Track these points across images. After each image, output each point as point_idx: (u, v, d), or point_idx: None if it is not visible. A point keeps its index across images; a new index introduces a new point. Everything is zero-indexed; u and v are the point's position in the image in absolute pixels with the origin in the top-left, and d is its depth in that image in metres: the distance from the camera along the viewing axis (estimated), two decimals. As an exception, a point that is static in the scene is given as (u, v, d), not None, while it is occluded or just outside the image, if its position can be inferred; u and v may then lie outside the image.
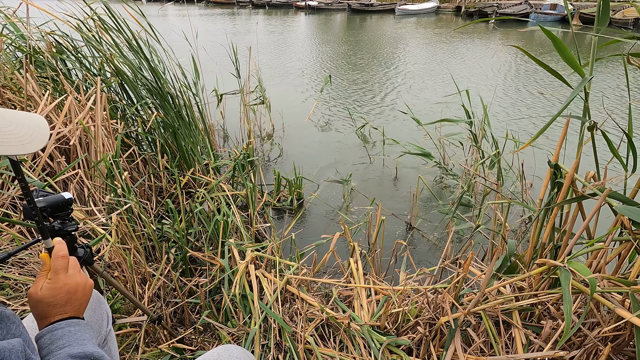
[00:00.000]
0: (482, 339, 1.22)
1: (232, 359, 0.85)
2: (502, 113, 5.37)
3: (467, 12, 23.27)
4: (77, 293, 0.64)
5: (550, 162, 1.21)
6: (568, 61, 1.02)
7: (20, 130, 0.43)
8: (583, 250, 1.03)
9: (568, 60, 1.02)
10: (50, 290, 0.62)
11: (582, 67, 1.03)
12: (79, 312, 0.65)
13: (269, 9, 30.09)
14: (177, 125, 2.55)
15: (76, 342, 0.59)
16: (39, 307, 0.61)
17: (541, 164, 3.23)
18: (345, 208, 3.01)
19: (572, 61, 1.01)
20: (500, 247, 1.67)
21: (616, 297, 1.05)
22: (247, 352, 0.91)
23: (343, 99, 6.08)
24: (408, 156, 3.65)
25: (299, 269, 1.71)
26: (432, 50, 11.05)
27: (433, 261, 2.42)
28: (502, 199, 2.18)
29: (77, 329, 0.61)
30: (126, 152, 2.44)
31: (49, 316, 0.61)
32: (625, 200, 1.01)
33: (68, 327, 0.60)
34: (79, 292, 0.65)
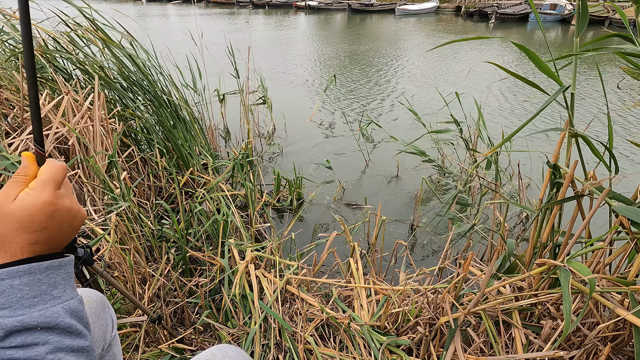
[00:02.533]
0: (482, 339, 1.22)
1: (226, 358, 0.84)
2: (500, 114, 5.37)
3: (467, 12, 23.28)
4: (62, 221, 0.46)
5: (550, 163, 1.21)
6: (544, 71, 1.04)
7: None
8: (583, 250, 1.03)
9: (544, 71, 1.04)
10: (28, 204, 0.43)
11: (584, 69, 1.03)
12: (54, 248, 0.46)
13: (268, 8, 30.08)
14: (173, 124, 2.55)
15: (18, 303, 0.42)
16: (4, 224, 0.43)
17: (537, 165, 3.24)
18: (345, 208, 3.01)
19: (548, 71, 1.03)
20: (499, 247, 1.68)
21: (615, 296, 1.05)
22: (241, 351, 0.90)
23: (343, 99, 6.08)
24: (408, 156, 3.66)
25: (299, 269, 1.71)
26: (432, 50, 11.05)
27: (433, 261, 2.42)
28: (500, 199, 2.18)
29: (26, 280, 0.42)
30: (125, 152, 2.44)
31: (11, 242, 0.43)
32: (624, 200, 1.01)
33: (10, 280, 0.42)
34: (64, 221, 0.46)
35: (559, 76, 1.04)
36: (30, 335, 0.41)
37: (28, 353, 0.41)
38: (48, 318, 0.43)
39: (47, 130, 2.03)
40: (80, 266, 1.11)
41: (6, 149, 1.81)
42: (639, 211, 0.93)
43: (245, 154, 2.57)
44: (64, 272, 0.46)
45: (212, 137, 3.63)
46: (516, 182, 2.63)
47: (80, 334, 0.45)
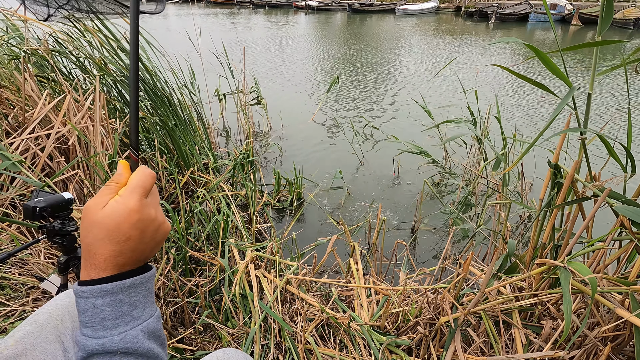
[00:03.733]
0: (482, 339, 1.22)
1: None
2: (507, 113, 5.37)
3: (467, 12, 23.28)
4: (145, 232, 0.45)
5: (550, 163, 1.21)
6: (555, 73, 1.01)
7: None
8: (583, 250, 1.03)
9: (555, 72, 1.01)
10: (115, 212, 0.43)
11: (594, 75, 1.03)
12: (136, 262, 0.46)
13: (269, 8, 30.09)
14: (173, 124, 2.55)
15: (101, 324, 0.43)
16: (92, 232, 0.43)
17: (541, 164, 3.23)
18: (345, 208, 3.01)
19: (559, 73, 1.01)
20: (500, 247, 1.68)
21: (616, 297, 1.05)
22: (246, 355, 0.90)
23: (344, 99, 6.08)
24: (409, 157, 3.66)
25: (299, 269, 1.71)
26: (432, 50, 11.06)
27: (433, 261, 2.42)
28: (503, 199, 2.18)
29: (109, 301, 0.43)
30: (125, 152, 2.44)
31: (96, 253, 0.43)
32: (625, 201, 1.01)
33: (94, 299, 0.42)
34: (147, 232, 0.45)
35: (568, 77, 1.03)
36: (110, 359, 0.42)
37: None
38: (127, 343, 0.43)
39: (49, 130, 2.03)
40: (80, 266, 1.11)
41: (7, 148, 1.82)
42: (639, 211, 0.93)
43: (246, 153, 2.57)
44: (144, 289, 0.46)
45: (212, 136, 3.64)
46: (520, 182, 2.63)
47: (157, 357, 0.45)
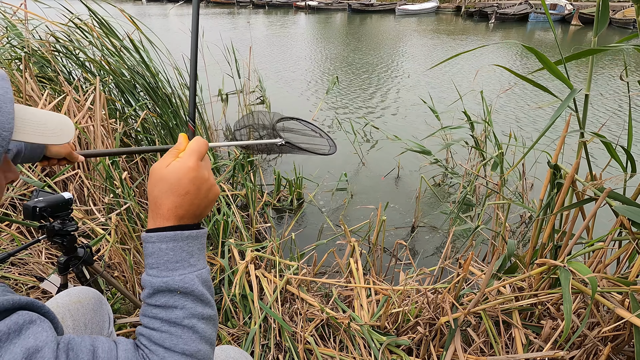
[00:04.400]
0: (482, 339, 1.22)
1: (229, 359, 0.85)
2: (506, 113, 5.37)
3: (467, 12, 23.28)
4: (200, 189, 0.52)
5: (550, 163, 1.21)
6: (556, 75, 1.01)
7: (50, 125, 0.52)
8: (583, 251, 1.03)
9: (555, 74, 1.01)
10: (176, 169, 0.51)
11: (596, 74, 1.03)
12: (193, 216, 0.53)
13: (269, 8, 30.09)
14: (175, 124, 2.55)
15: (164, 266, 0.50)
16: (158, 187, 0.51)
17: (542, 164, 3.23)
18: (345, 208, 3.01)
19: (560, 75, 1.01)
20: (500, 248, 1.68)
21: (616, 297, 1.05)
22: (244, 352, 0.91)
23: (344, 99, 6.08)
24: (410, 156, 3.66)
25: (299, 269, 1.71)
26: (433, 51, 11.06)
27: (433, 261, 2.42)
28: (503, 199, 2.18)
29: (170, 246, 0.51)
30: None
31: (161, 204, 0.51)
32: (624, 201, 1.01)
33: (159, 243, 0.51)
34: (202, 189, 0.53)
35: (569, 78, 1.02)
36: (171, 297, 0.49)
37: (169, 315, 0.49)
38: (186, 284, 0.50)
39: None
40: (80, 266, 1.12)
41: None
42: (639, 211, 0.93)
43: (246, 153, 2.57)
44: (199, 243, 0.54)
45: (212, 136, 3.64)
46: (520, 182, 2.63)
47: (210, 303, 0.52)
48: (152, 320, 0.49)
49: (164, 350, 0.47)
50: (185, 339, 0.48)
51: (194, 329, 0.49)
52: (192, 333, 0.49)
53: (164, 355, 0.47)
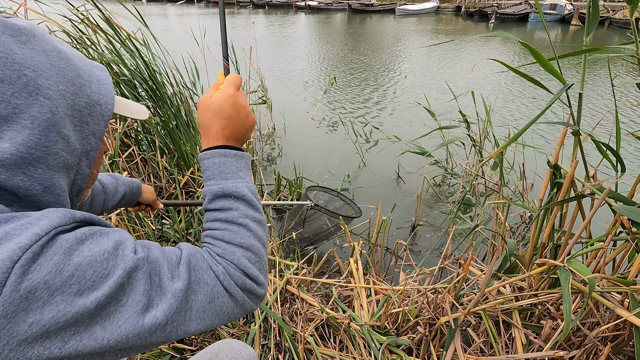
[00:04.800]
0: (482, 339, 1.22)
1: (233, 352, 0.87)
2: (505, 113, 5.37)
3: (467, 12, 23.28)
4: (240, 112, 0.62)
5: (550, 163, 1.21)
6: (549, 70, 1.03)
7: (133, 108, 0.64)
8: (583, 250, 1.03)
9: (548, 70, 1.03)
10: (219, 98, 0.61)
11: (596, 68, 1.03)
12: (236, 138, 0.63)
13: (269, 8, 30.09)
14: (175, 124, 2.55)
15: (220, 176, 0.60)
16: (205, 114, 0.61)
17: (542, 165, 3.23)
18: (345, 208, 3.01)
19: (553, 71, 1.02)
20: (500, 247, 1.68)
21: (615, 296, 1.05)
22: (247, 346, 0.92)
23: (344, 99, 6.08)
24: (410, 156, 3.66)
25: (299, 269, 1.71)
26: (433, 50, 11.06)
27: (433, 261, 2.42)
28: (503, 199, 2.18)
29: (223, 160, 0.60)
30: (125, 152, 2.44)
31: (210, 128, 0.61)
32: (624, 200, 1.01)
33: (212, 158, 0.60)
34: (242, 113, 0.62)
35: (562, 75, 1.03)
36: (227, 201, 0.58)
37: (226, 215, 0.57)
38: (238, 189, 0.59)
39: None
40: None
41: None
42: (639, 211, 0.93)
43: (246, 154, 2.57)
44: (245, 162, 0.63)
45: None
46: (521, 182, 2.63)
47: (259, 210, 0.61)
48: (213, 223, 0.58)
49: (225, 244, 0.55)
50: (241, 234, 0.56)
51: (248, 227, 0.57)
52: (246, 230, 0.57)
53: (225, 247, 0.55)
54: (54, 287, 0.38)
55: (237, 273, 0.53)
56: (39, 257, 0.38)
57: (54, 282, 0.38)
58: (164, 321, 0.45)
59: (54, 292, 0.38)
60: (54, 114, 0.46)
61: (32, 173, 0.45)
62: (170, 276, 0.47)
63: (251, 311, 0.57)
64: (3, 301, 0.35)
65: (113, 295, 0.42)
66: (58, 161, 0.47)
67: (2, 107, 0.42)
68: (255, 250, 0.56)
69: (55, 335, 0.38)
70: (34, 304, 0.37)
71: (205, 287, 0.50)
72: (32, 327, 0.37)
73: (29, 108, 0.44)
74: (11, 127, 0.43)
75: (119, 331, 0.42)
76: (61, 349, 0.39)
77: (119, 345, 0.42)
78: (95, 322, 0.41)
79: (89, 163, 0.54)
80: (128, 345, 0.44)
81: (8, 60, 0.42)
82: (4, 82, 0.42)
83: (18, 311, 0.36)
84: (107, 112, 0.54)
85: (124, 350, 0.44)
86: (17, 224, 0.40)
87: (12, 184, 0.43)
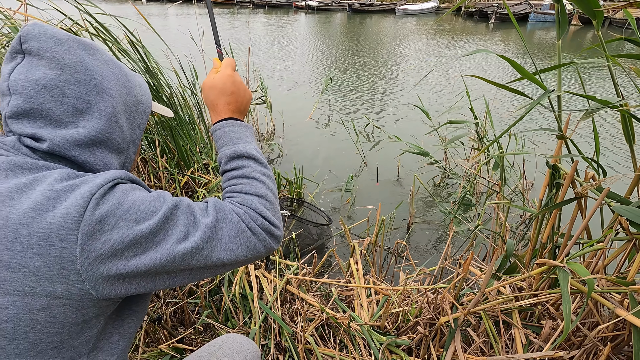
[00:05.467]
0: (482, 339, 1.22)
1: (236, 345, 0.89)
2: (504, 113, 5.37)
3: (467, 12, 23.27)
4: (240, 88, 0.74)
5: (549, 163, 1.21)
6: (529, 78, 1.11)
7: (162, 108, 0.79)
8: (582, 251, 1.03)
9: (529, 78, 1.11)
10: (220, 77, 0.73)
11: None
12: (240, 111, 0.75)
13: (268, 8, 30.08)
14: (175, 124, 2.55)
15: (231, 142, 0.71)
16: (211, 94, 0.73)
17: (542, 165, 3.23)
18: (344, 208, 3.01)
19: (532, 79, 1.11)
20: (499, 248, 1.68)
21: (615, 297, 1.05)
22: (250, 340, 0.93)
23: (344, 99, 6.08)
24: (410, 156, 3.66)
25: (299, 269, 1.71)
26: (433, 50, 11.06)
27: (433, 261, 2.42)
28: (503, 199, 2.18)
29: (231, 129, 0.72)
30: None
31: (217, 104, 0.73)
32: (622, 201, 1.01)
33: (223, 129, 0.72)
34: (241, 89, 0.74)
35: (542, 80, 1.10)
36: (240, 160, 0.69)
37: (241, 172, 0.68)
38: (247, 150, 0.70)
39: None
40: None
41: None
42: (638, 211, 0.93)
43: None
44: (249, 131, 0.75)
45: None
46: (521, 181, 2.63)
47: (266, 166, 0.71)
48: (230, 180, 0.68)
49: (242, 194, 0.65)
50: (255, 185, 0.66)
51: (260, 180, 0.67)
52: (259, 182, 0.67)
53: (243, 197, 0.65)
54: (118, 214, 0.50)
55: (256, 215, 0.63)
56: (106, 194, 0.51)
57: (118, 211, 0.50)
58: (201, 245, 0.55)
59: (119, 219, 0.50)
60: (114, 108, 0.60)
61: (95, 152, 0.58)
62: (201, 214, 0.58)
63: (272, 250, 0.65)
64: (84, 223, 0.47)
65: (161, 225, 0.53)
66: (115, 145, 0.61)
67: (79, 103, 0.56)
68: (268, 198, 0.66)
69: (121, 254, 0.50)
70: (105, 227, 0.49)
71: (230, 224, 0.59)
72: (105, 244, 0.48)
73: (97, 103, 0.58)
74: (85, 117, 0.57)
75: (168, 252, 0.53)
76: (125, 266, 0.50)
77: (169, 265, 0.53)
78: (149, 246, 0.52)
79: (134, 149, 0.67)
80: (175, 267, 0.54)
81: (83, 67, 0.57)
82: (81, 83, 0.56)
83: (94, 232, 0.48)
84: (148, 109, 0.69)
85: (172, 273, 0.55)
86: (91, 176, 0.53)
87: (82, 159, 0.57)
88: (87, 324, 0.52)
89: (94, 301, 0.50)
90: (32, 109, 0.53)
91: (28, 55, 0.55)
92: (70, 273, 0.47)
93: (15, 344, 0.48)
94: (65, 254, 0.47)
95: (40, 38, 0.55)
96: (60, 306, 0.48)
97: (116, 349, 0.57)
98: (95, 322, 0.53)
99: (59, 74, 0.54)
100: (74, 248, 0.47)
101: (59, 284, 0.47)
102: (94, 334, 0.53)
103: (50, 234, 0.46)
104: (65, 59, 0.55)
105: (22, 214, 0.46)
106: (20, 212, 0.46)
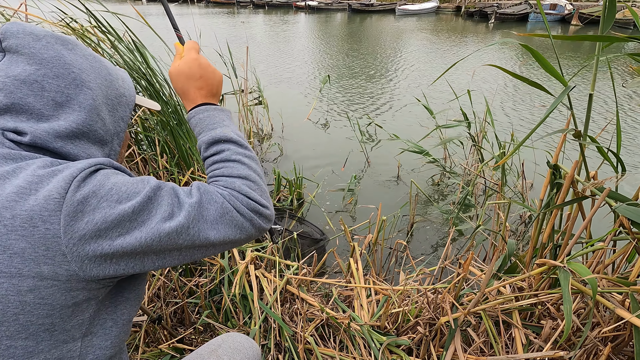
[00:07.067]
0: (482, 339, 1.22)
1: (236, 344, 0.89)
2: (506, 113, 5.37)
3: (467, 12, 23.28)
4: (207, 70, 0.72)
5: (550, 163, 1.21)
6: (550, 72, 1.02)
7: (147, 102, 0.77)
8: (583, 251, 1.03)
9: (550, 72, 1.02)
10: (185, 62, 0.72)
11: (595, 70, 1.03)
12: (212, 94, 0.74)
13: (269, 8, 30.08)
14: (175, 123, 2.55)
15: (207, 128, 0.70)
16: (179, 81, 0.72)
17: (542, 165, 3.23)
18: (346, 208, 3.01)
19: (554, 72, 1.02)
20: (500, 247, 1.68)
21: (616, 297, 1.05)
22: (250, 339, 0.93)
23: (344, 99, 6.08)
24: (410, 156, 3.66)
25: (299, 269, 1.71)
26: (433, 50, 11.06)
27: (433, 261, 2.42)
28: (503, 199, 2.18)
29: (207, 114, 0.71)
30: (126, 152, 2.44)
31: (187, 91, 0.72)
32: (624, 201, 1.01)
33: (197, 115, 0.71)
34: (209, 71, 0.73)
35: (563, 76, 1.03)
36: (219, 145, 0.68)
37: (221, 156, 0.67)
38: (225, 134, 0.69)
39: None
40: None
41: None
42: (639, 211, 0.93)
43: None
44: (225, 115, 0.73)
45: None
46: (520, 181, 2.63)
47: (247, 148, 0.70)
48: (212, 166, 0.68)
49: (225, 177, 0.65)
50: (237, 168, 0.66)
51: (241, 162, 0.67)
52: (240, 164, 0.67)
53: (226, 179, 0.65)
54: (99, 195, 0.51)
55: (240, 196, 0.63)
56: (87, 177, 0.52)
57: (100, 192, 0.51)
58: (186, 224, 0.56)
59: (101, 199, 0.51)
60: (94, 100, 0.60)
61: (77, 144, 0.58)
62: (186, 195, 0.58)
63: (263, 229, 0.65)
64: (66, 204, 0.48)
65: (145, 205, 0.53)
66: (97, 136, 0.61)
67: (59, 96, 0.57)
68: (252, 178, 0.66)
69: (105, 234, 0.50)
70: (87, 207, 0.50)
71: (215, 205, 0.59)
72: (88, 225, 0.49)
73: (77, 96, 0.58)
74: (65, 110, 0.57)
75: (153, 231, 0.53)
76: (110, 246, 0.51)
77: (155, 245, 0.54)
78: (133, 226, 0.52)
79: (119, 142, 0.67)
80: (162, 247, 0.54)
81: (61, 61, 0.57)
82: (59, 77, 0.57)
83: (77, 212, 0.49)
84: (131, 101, 0.69)
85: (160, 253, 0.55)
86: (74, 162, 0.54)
87: (64, 151, 0.57)
88: (78, 307, 0.52)
89: (82, 283, 0.51)
90: (12, 104, 0.54)
91: (8, 52, 0.56)
92: (56, 254, 0.48)
93: (5, 326, 0.48)
94: (49, 235, 0.48)
95: (19, 35, 0.55)
96: (48, 287, 0.49)
97: (109, 334, 0.58)
98: (87, 305, 0.53)
99: (38, 68, 0.55)
100: (57, 229, 0.48)
101: (45, 265, 0.48)
102: (86, 317, 0.54)
103: (33, 215, 0.47)
104: (43, 54, 0.56)
105: (5, 198, 0.47)
106: (3, 197, 0.48)
